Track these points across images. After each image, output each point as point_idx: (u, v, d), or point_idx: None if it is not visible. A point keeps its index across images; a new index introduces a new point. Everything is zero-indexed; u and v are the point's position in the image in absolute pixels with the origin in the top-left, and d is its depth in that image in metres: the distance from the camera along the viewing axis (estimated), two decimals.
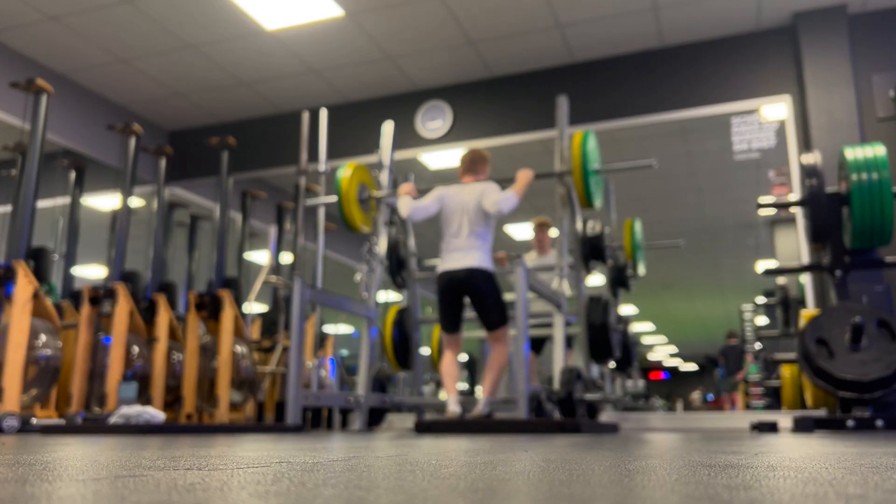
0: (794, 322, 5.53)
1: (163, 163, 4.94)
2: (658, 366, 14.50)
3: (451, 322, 4.06)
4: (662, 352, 14.15)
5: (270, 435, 2.97)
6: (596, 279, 5.40)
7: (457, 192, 4.10)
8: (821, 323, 3.72)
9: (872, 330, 3.61)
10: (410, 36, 5.48)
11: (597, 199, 4.40)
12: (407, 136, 6.11)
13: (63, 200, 5.48)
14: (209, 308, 4.45)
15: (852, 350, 3.60)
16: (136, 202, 5.35)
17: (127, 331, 4.19)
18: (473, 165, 4.18)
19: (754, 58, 5.40)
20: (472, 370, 9.67)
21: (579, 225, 4.94)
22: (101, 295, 4.20)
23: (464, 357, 5.88)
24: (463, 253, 3.96)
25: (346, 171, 4.70)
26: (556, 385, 3.91)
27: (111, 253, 4.44)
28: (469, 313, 4.07)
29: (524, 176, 4.07)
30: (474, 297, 3.93)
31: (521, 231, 8.23)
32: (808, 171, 4.12)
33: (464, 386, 7.40)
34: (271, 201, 6.05)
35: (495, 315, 3.94)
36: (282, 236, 5.70)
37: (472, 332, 4.64)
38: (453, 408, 3.84)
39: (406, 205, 4.15)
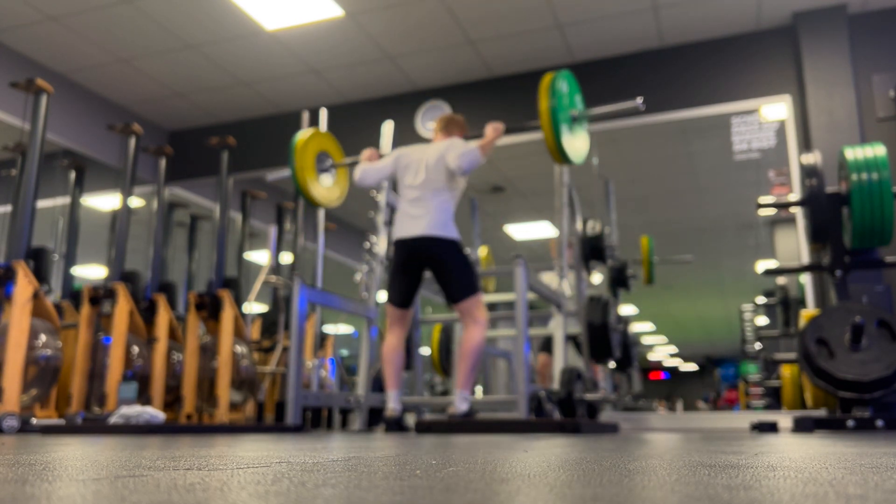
0: (794, 322, 5.54)
1: (163, 163, 4.94)
2: (658, 366, 14.49)
3: (401, 294, 3.61)
4: (662, 352, 14.14)
5: (270, 435, 2.97)
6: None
7: (417, 149, 3.74)
8: (821, 323, 3.72)
9: (872, 330, 3.62)
10: (410, 36, 5.48)
11: (574, 154, 3.54)
12: (407, 136, 6.10)
13: (63, 200, 5.48)
14: (209, 308, 4.45)
15: (852, 350, 3.60)
16: (136, 202, 5.35)
17: (127, 331, 4.19)
18: (446, 127, 3.79)
19: (754, 58, 5.40)
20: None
21: (579, 225, 4.94)
22: (101, 295, 4.21)
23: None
24: (421, 214, 3.50)
25: (302, 135, 4.18)
26: (556, 385, 3.91)
27: (111, 253, 4.44)
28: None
29: (493, 130, 3.59)
30: (437, 270, 3.51)
31: (522, 231, 8.23)
32: (808, 171, 4.12)
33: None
34: (271, 201, 6.05)
35: (462, 284, 3.46)
36: (282, 236, 5.70)
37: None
38: (392, 405, 3.52)
39: (359, 168, 3.79)
